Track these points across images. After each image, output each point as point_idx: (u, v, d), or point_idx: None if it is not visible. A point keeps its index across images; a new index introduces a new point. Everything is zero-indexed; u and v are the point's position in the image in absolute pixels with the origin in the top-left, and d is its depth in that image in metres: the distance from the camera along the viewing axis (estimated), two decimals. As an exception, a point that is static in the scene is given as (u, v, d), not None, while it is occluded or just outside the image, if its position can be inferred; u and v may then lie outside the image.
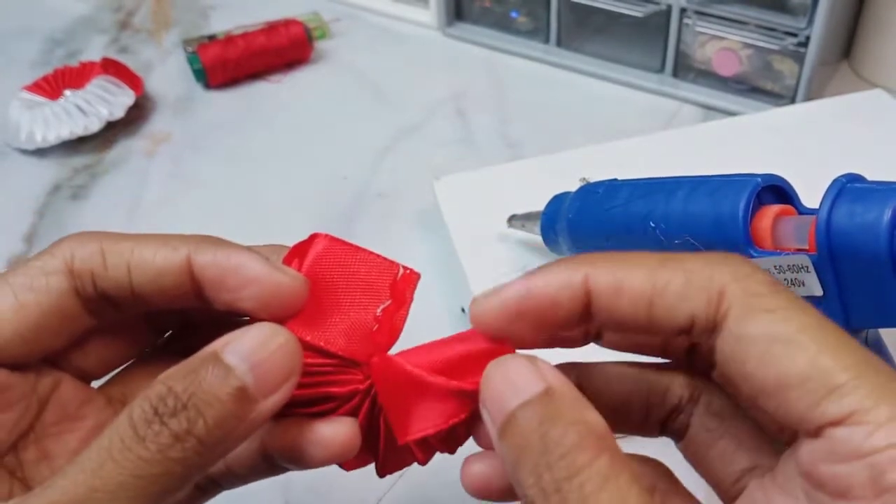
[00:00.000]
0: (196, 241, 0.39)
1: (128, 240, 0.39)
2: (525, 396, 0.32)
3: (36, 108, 0.93)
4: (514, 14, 1.04)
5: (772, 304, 0.32)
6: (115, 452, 0.33)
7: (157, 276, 0.38)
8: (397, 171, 0.90)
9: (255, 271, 0.37)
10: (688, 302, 0.33)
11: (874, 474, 0.29)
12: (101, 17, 1.16)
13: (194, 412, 0.33)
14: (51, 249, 0.39)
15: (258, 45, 1.01)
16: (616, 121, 0.95)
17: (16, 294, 0.38)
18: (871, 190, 0.44)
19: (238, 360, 0.35)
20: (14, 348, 0.38)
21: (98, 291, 0.39)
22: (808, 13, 0.85)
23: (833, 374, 0.30)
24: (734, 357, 0.32)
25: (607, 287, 0.34)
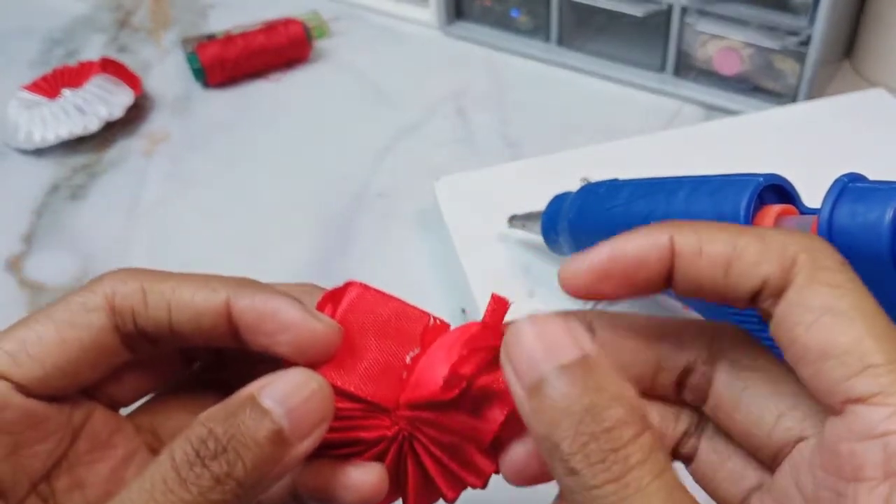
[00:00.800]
0: (235, 284, 0.40)
1: (169, 279, 0.40)
2: (561, 360, 0.33)
3: (34, 107, 0.93)
4: (515, 13, 1.04)
5: (835, 280, 0.33)
6: (158, 494, 0.34)
7: (195, 316, 0.39)
8: (397, 171, 0.90)
9: (292, 317, 0.39)
10: (763, 266, 0.34)
11: (887, 455, 0.30)
12: (100, 17, 1.16)
13: (234, 455, 0.34)
14: (92, 286, 0.40)
15: (257, 44, 1.01)
16: (617, 120, 0.95)
17: (58, 329, 0.39)
18: (873, 189, 0.44)
19: (274, 403, 0.36)
20: (54, 381, 0.39)
21: (137, 328, 0.40)
22: (810, 12, 0.85)
23: (871, 355, 0.31)
24: (788, 319, 0.33)
25: (691, 248, 0.35)
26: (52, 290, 0.79)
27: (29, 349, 0.39)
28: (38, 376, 0.38)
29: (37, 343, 0.39)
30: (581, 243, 0.61)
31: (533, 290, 0.69)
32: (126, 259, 0.81)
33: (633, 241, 0.36)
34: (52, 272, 0.81)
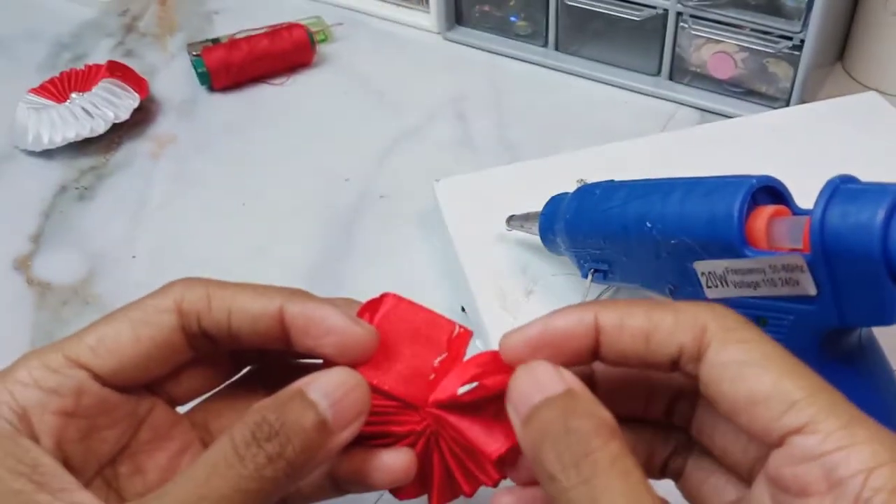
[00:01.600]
0: (288, 294, 0.45)
1: (230, 287, 0.45)
2: (549, 393, 0.39)
3: (43, 110, 0.94)
4: (514, 18, 1.04)
5: (742, 337, 0.38)
6: (221, 468, 0.38)
7: (253, 320, 0.44)
8: (398, 173, 0.91)
9: (338, 323, 0.43)
10: (677, 335, 0.39)
11: (826, 471, 0.34)
12: (107, 21, 1.16)
13: (285, 438, 0.39)
14: (164, 290, 0.45)
15: (261, 48, 1.01)
16: (613, 123, 0.95)
17: (133, 327, 0.43)
18: (865, 191, 0.44)
19: (319, 397, 0.41)
20: (128, 373, 0.44)
21: (201, 330, 0.44)
22: (803, 17, 0.86)
23: (791, 393, 0.36)
24: (713, 379, 0.38)
25: (613, 323, 0.40)
26: (60, 290, 0.79)
27: (107, 343, 0.43)
28: (113, 368, 0.43)
29: (114, 339, 0.43)
30: (578, 243, 0.62)
31: (531, 288, 0.69)
32: (132, 259, 0.82)
33: (562, 318, 0.41)
34: (59, 272, 0.82)
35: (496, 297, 0.69)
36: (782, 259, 0.46)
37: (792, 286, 0.47)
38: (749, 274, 0.48)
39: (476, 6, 1.07)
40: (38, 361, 0.42)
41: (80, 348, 0.43)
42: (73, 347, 0.43)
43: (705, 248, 0.50)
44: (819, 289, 0.46)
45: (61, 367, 0.42)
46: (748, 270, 0.48)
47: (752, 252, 0.48)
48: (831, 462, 0.34)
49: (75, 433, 0.42)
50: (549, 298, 0.68)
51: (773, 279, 0.47)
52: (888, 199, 0.43)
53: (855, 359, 0.49)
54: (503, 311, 0.67)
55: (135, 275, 0.81)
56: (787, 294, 0.47)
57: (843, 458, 0.34)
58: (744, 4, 0.88)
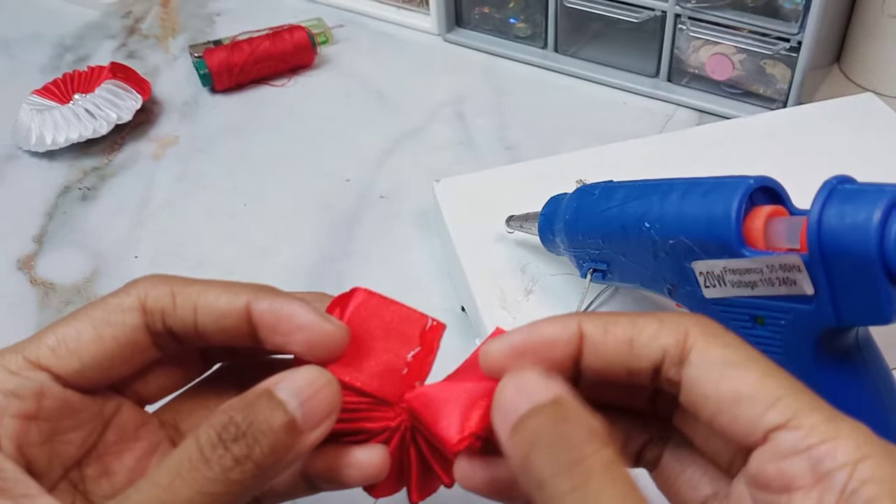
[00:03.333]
0: (255, 290, 0.43)
1: (195, 284, 0.43)
2: (538, 400, 0.37)
3: (46, 111, 0.94)
4: (513, 20, 1.05)
5: (724, 342, 0.38)
6: (184, 472, 0.37)
7: (219, 317, 0.43)
8: (399, 174, 0.91)
9: (307, 320, 0.42)
10: (661, 339, 0.39)
11: (812, 464, 0.35)
12: (110, 23, 1.17)
13: (252, 440, 0.38)
14: (127, 288, 0.43)
15: (263, 50, 1.01)
16: (612, 124, 0.96)
17: (95, 327, 0.42)
18: (861, 191, 0.44)
19: (288, 396, 0.39)
20: (91, 374, 0.42)
21: (166, 328, 0.43)
22: (800, 19, 0.86)
23: (774, 390, 0.36)
24: (697, 380, 0.38)
25: (597, 330, 0.40)
26: (63, 289, 0.80)
27: (68, 344, 0.42)
28: (75, 369, 0.42)
29: (75, 339, 0.42)
30: (577, 243, 0.62)
31: (530, 288, 0.69)
32: (135, 259, 0.83)
33: (546, 326, 0.40)
34: (62, 272, 0.82)
35: (496, 296, 0.69)
36: (780, 259, 0.46)
37: (789, 286, 0.47)
38: (747, 274, 0.48)
39: (476, 8, 1.07)
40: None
41: (39, 349, 0.41)
42: (33, 349, 0.42)
43: (703, 248, 0.50)
44: (816, 288, 0.45)
45: (21, 369, 0.41)
46: (746, 270, 0.48)
47: (749, 252, 0.48)
48: (817, 455, 0.34)
49: (37, 436, 0.41)
50: (548, 298, 0.69)
51: (771, 279, 0.47)
52: (885, 200, 0.42)
53: (852, 358, 0.48)
54: (503, 310, 0.67)
55: (137, 275, 0.79)
56: (785, 294, 0.47)
57: (828, 450, 0.34)
58: (741, 6, 0.89)
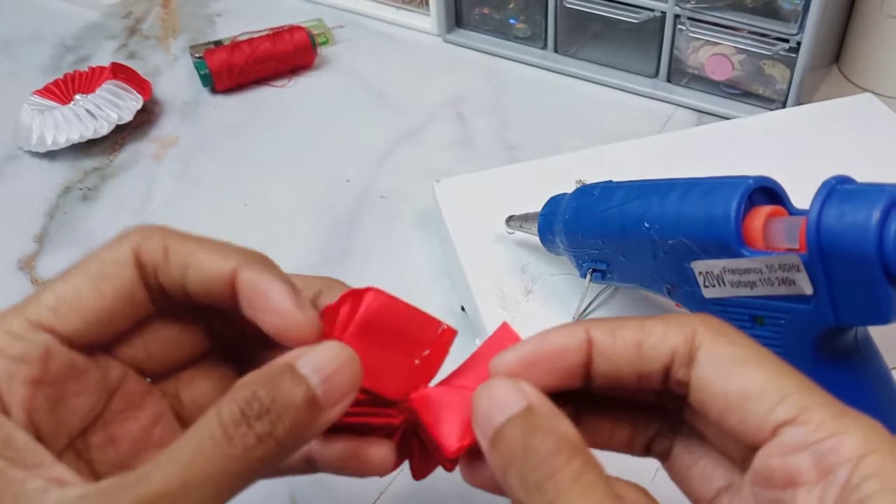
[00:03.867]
0: (246, 258, 0.43)
1: (188, 241, 0.43)
2: (510, 412, 0.38)
3: (47, 111, 0.94)
4: (513, 21, 1.05)
5: (732, 340, 0.38)
6: (207, 449, 0.36)
7: (207, 280, 0.42)
8: (399, 174, 0.91)
9: (280, 303, 0.42)
10: (669, 338, 0.39)
11: (817, 459, 0.34)
12: (111, 24, 1.17)
13: (275, 416, 0.37)
14: (120, 241, 0.42)
15: (263, 50, 1.02)
16: (611, 124, 0.96)
17: (93, 283, 0.41)
18: (860, 191, 0.44)
19: (310, 371, 0.39)
20: (94, 331, 0.41)
21: (157, 283, 0.42)
22: (799, 19, 0.86)
23: (783, 387, 0.36)
24: (706, 379, 0.38)
25: (605, 335, 0.40)
26: (65, 289, 0.80)
27: (69, 302, 0.40)
28: (79, 328, 0.41)
29: (75, 296, 0.41)
30: (576, 244, 0.62)
31: (530, 288, 0.69)
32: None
33: (555, 335, 0.40)
34: (64, 271, 0.82)
35: (496, 296, 0.69)
36: (779, 259, 0.46)
37: (788, 286, 0.47)
38: (746, 274, 0.48)
39: (476, 8, 1.07)
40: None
41: (40, 310, 0.40)
42: (34, 310, 0.40)
43: (703, 248, 0.50)
44: (815, 288, 0.45)
45: (25, 332, 0.40)
46: (745, 270, 0.48)
47: (749, 252, 0.48)
48: (822, 450, 0.34)
49: (44, 402, 0.40)
50: (547, 298, 0.69)
51: (770, 279, 0.47)
52: (884, 200, 0.43)
53: (851, 358, 0.48)
54: (503, 310, 0.67)
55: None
56: (784, 293, 0.47)
57: (834, 445, 0.34)
58: (741, 7, 0.89)
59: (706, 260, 0.50)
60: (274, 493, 0.63)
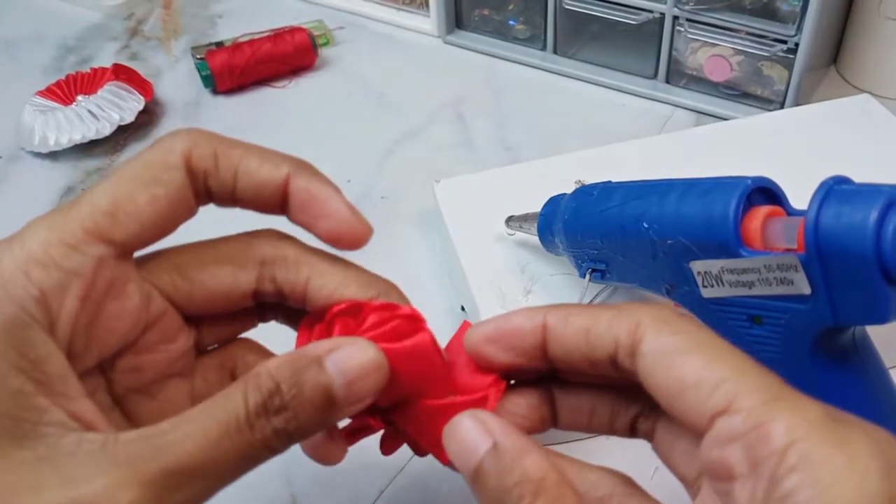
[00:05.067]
0: (296, 164, 0.44)
1: (237, 147, 0.43)
2: (479, 455, 0.39)
3: (49, 112, 0.94)
4: (512, 22, 1.05)
5: (675, 328, 0.38)
6: (233, 433, 0.37)
7: (258, 186, 0.43)
8: (399, 174, 0.91)
9: (337, 208, 0.43)
10: (613, 329, 0.39)
11: (747, 451, 0.34)
12: (113, 25, 1.17)
13: (293, 413, 0.38)
14: (169, 144, 0.42)
15: (264, 52, 1.02)
16: (611, 125, 0.96)
17: (147, 187, 0.40)
18: (858, 192, 0.44)
19: (337, 372, 0.39)
20: (147, 237, 0.41)
21: (206, 188, 0.43)
22: (797, 21, 0.86)
23: (718, 374, 0.36)
24: (648, 371, 0.38)
25: (559, 320, 0.41)
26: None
27: (126, 207, 0.40)
28: (135, 233, 0.40)
29: (131, 202, 0.40)
30: (576, 244, 0.62)
31: (529, 288, 0.69)
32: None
33: (514, 316, 0.42)
34: (66, 272, 0.82)
35: (496, 296, 0.69)
36: (777, 259, 0.46)
37: (786, 285, 0.46)
38: (744, 273, 0.48)
39: (475, 10, 1.07)
40: (52, 235, 0.38)
41: (97, 216, 0.39)
42: (89, 216, 0.39)
43: (701, 248, 0.50)
44: (813, 288, 0.45)
45: (80, 243, 0.38)
46: (743, 270, 0.48)
47: (747, 252, 0.48)
48: (750, 441, 0.34)
49: (85, 318, 0.39)
50: (547, 298, 0.69)
51: (768, 279, 0.47)
52: (881, 200, 0.42)
53: (849, 357, 0.48)
54: (502, 310, 0.66)
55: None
56: (782, 293, 0.47)
57: (761, 436, 0.33)
58: (739, 8, 0.89)
59: (705, 260, 0.50)
60: (274, 491, 0.63)
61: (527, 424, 0.44)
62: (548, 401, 0.45)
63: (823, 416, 0.34)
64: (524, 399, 0.45)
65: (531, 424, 0.45)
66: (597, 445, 0.61)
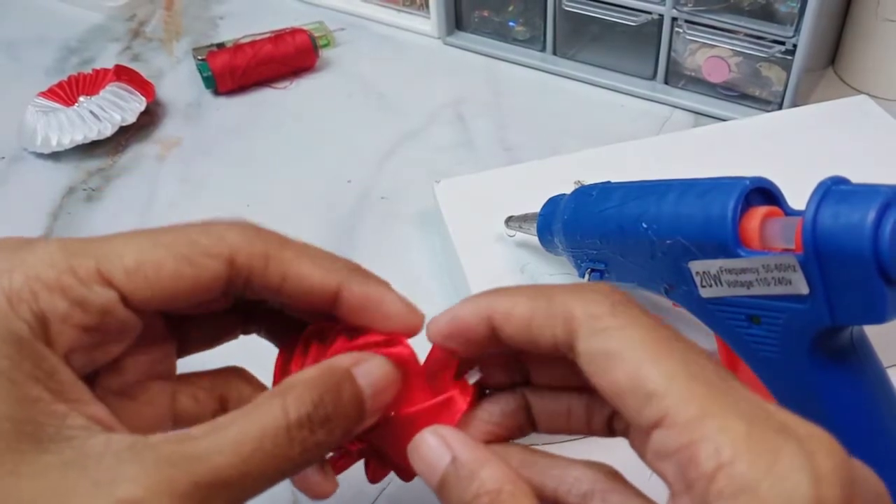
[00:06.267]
0: (347, 272, 0.43)
1: (289, 249, 0.43)
2: (440, 471, 0.40)
3: (51, 113, 0.95)
4: (512, 23, 1.06)
5: (605, 324, 0.37)
6: (269, 445, 0.36)
7: (307, 292, 0.42)
8: (399, 175, 0.92)
9: (394, 310, 0.44)
10: (549, 326, 0.38)
11: (681, 470, 0.33)
12: (115, 27, 1.18)
13: (333, 426, 0.38)
14: (217, 233, 0.41)
15: (265, 53, 1.02)
16: (610, 126, 0.96)
17: (176, 263, 0.39)
18: (856, 192, 0.43)
19: (367, 385, 0.40)
20: (156, 304, 0.40)
21: (244, 283, 0.42)
22: (795, 22, 0.87)
23: (648, 383, 0.34)
24: (588, 372, 0.37)
25: (502, 314, 0.40)
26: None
27: (147, 272, 0.39)
28: (146, 298, 0.39)
29: (155, 269, 0.39)
30: (575, 243, 0.62)
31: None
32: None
33: (465, 307, 0.42)
34: (68, 272, 0.82)
35: (496, 296, 0.69)
36: (775, 259, 0.46)
37: (784, 285, 0.46)
38: (742, 273, 0.48)
39: (475, 11, 1.08)
40: (66, 263, 0.38)
41: (114, 267, 0.38)
42: (108, 262, 0.38)
43: (700, 248, 0.50)
44: (811, 288, 0.45)
45: (91, 280, 0.38)
46: (742, 270, 0.48)
47: (745, 252, 0.48)
48: (682, 460, 0.33)
49: (87, 344, 0.39)
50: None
51: (766, 278, 0.47)
52: (879, 200, 0.42)
53: (847, 357, 0.48)
54: None
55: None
56: (780, 293, 0.47)
57: (691, 456, 0.33)
58: (738, 10, 0.89)
59: (703, 260, 0.50)
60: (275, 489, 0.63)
61: (502, 432, 0.45)
62: (523, 406, 0.45)
63: (753, 432, 0.32)
64: (498, 406, 0.45)
65: (507, 431, 0.45)
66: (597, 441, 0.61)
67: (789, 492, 0.31)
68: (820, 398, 0.47)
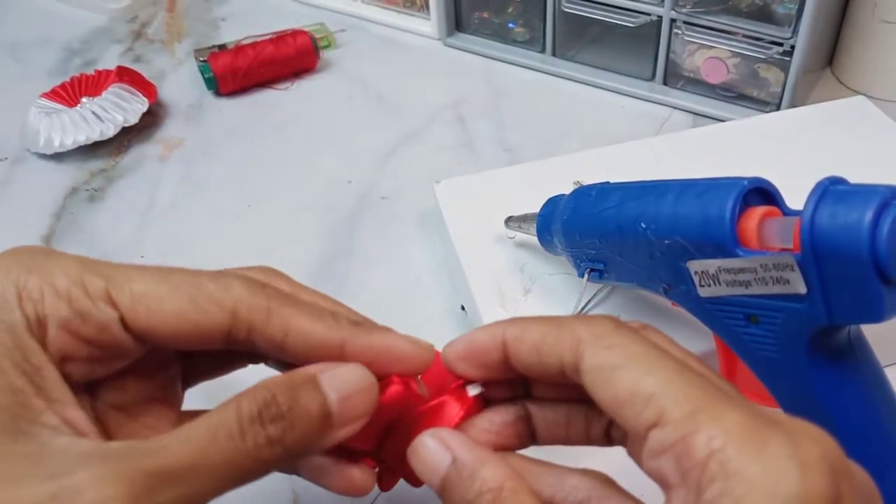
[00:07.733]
0: (350, 327, 0.44)
1: (291, 304, 0.43)
2: (441, 472, 0.41)
3: (54, 114, 0.95)
4: (512, 25, 1.06)
5: (610, 343, 0.39)
6: (220, 439, 0.37)
7: (309, 346, 0.43)
8: (399, 175, 0.92)
9: (404, 353, 0.44)
10: (557, 348, 0.40)
11: (676, 462, 0.35)
12: (117, 28, 1.18)
13: (288, 424, 0.39)
14: (226, 283, 0.42)
15: (267, 54, 1.02)
16: (609, 127, 0.96)
17: (180, 304, 0.41)
18: (853, 192, 0.43)
19: (331, 389, 0.41)
20: (153, 336, 0.41)
21: (244, 334, 0.42)
22: (793, 23, 0.87)
23: (648, 388, 0.37)
24: (591, 387, 0.39)
25: (513, 339, 0.42)
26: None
27: (150, 304, 0.40)
28: (144, 327, 0.41)
29: (158, 303, 0.41)
30: (574, 244, 0.62)
31: (529, 287, 0.70)
32: (141, 259, 0.83)
33: (479, 333, 0.44)
34: (70, 272, 0.82)
35: (495, 296, 0.69)
36: (773, 258, 0.46)
37: (782, 285, 0.46)
38: (741, 273, 0.48)
39: (475, 13, 1.08)
40: (79, 276, 0.40)
41: (122, 290, 0.40)
42: (116, 285, 0.40)
43: (698, 248, 0.50)
44: (809, 287, 0.45)
45: (98, 297, 0.40)
46: (740, 270, 0.48)
47: (743, 252, 0.48)
48: (678, 452, 0.35)
49: (83, 355, 0.40)
50: (546, 297, 0.69)
51: (765, 278, 0.47)
52: (876, 200, 0.42)
53: (845, 356, 0.48)
54: (502, 309, 0.68)
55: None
56: (778, 293, 0.47)
57: (686, 448, 0.34)
58: (736, 11, 0.90)
59: (702, 260, 0.50)
60: (275, 489, 0.64)
61: (502, 441, 0.46)
62: (523, 418, 0.46)
63: (744, 423, 0.34)
64: (498, 416, 0.46)
65: (507, 441, 0.46)
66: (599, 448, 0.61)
67: (778, 476, 0.32)
68: (818, 397, 0.47)
